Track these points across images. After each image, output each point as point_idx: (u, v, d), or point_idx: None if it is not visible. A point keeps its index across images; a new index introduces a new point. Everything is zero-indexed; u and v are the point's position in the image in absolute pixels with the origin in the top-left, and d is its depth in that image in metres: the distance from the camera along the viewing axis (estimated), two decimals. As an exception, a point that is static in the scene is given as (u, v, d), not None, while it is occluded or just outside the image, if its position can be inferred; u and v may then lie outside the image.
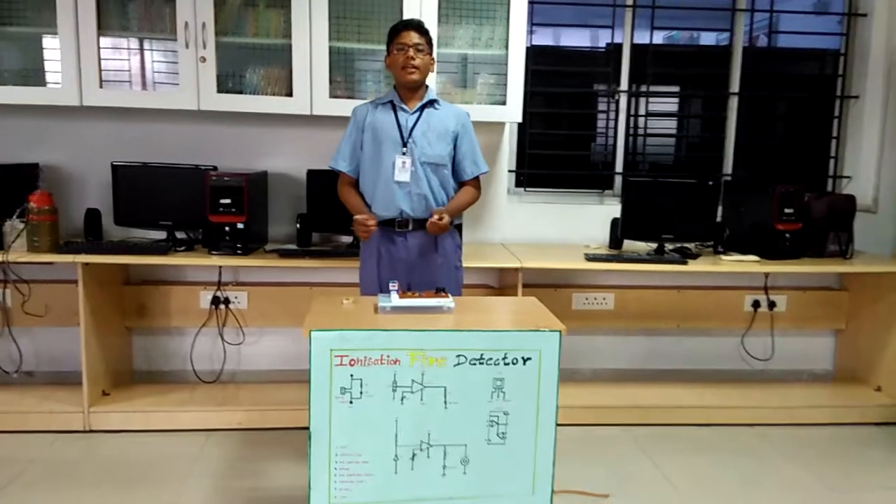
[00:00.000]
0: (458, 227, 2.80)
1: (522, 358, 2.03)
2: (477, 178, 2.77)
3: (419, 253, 2.66)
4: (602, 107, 3.82)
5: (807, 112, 4.03)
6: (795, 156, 4.02)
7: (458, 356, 2.02)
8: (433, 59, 2.70)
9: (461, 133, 2.70)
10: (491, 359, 2.03)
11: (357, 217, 2.59)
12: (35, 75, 3.15)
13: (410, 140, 2.61)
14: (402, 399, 2.01)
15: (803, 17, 3.91)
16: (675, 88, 4.10)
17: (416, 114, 2.64)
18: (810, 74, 4.20)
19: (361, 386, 2.00)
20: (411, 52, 2.56)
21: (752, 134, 3.86)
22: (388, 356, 2.00)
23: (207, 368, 3.56)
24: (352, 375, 1.99)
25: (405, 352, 2.00)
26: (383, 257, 2.68)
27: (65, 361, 3.41)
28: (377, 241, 2.68)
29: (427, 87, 2.70)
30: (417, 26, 2.62)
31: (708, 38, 5.28)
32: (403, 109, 2.65)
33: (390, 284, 2.31)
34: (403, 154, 2.61)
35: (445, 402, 2.03)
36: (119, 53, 3.16)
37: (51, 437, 3.03)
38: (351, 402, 1.99)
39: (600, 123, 3.90)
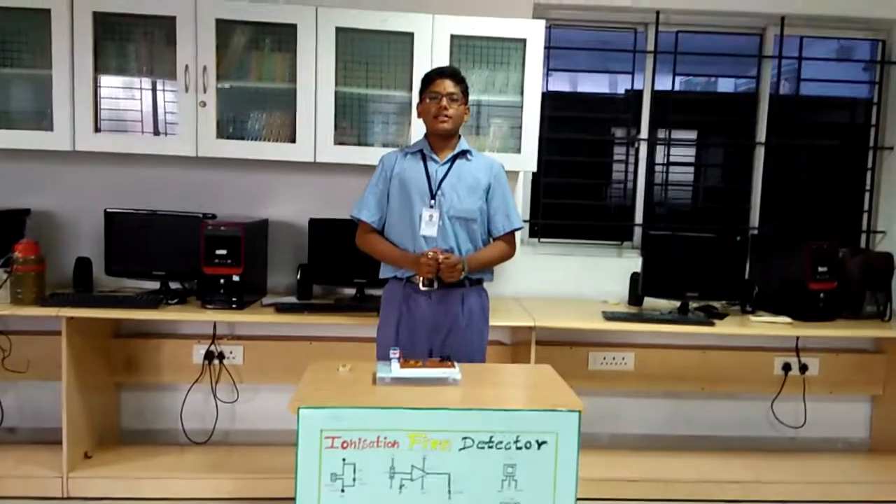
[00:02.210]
0: (476, 281, 2.57)
1: (537, 442, 1.81)
2: (512, 234, 2.58)
3: (443, 314, 2.46)
4: (620, 154, 3.64)
5: (836, 163, 3.83)
6: (824, 209, 3.81)
7: (465, 439, 1.80)
8: (468, 108, 2.55)
9: (494, 186, 2.53)
10: (501, 442, 1.81)
11: (428, 253, 2.35)
12: (33, 118, 3.01)
13: (439, 192, 2.45)
14: (400, 487, 1.79)
15: (829, 65, 3.72)
16: (693, 135, 3.91)
17: (447, 165, 2.49)
18: (839, 123, 4.01)
19: (355, 472, 1.78)
20: (444, 102, 2.42)
21: (778, 185, 3.66)
22: (385, 438, 1.78)
23: (199, 427, 3.35)
24: (344, 460, 1.77)
25: (405, 433, 1.78)
26: (404, 317, 2.48)
27: (49, 417, 3.19)
28: (399, 299, 2.49)
29: (460, 136, 2.54)
30: (452, 74, 2.48)
31: (726, 85, 5.14)
32: (433, 160, 2.49)
33: (391, 351, 2.10)
34: (431, 207, 2.43)
35: (449, 492, 1.80)
36: (116, 96, 3.02)
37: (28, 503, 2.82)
38: (342, 491, 1.78)
39: (617, 170, 3.72)
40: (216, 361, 3.29)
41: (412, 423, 1.79)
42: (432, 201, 2.44)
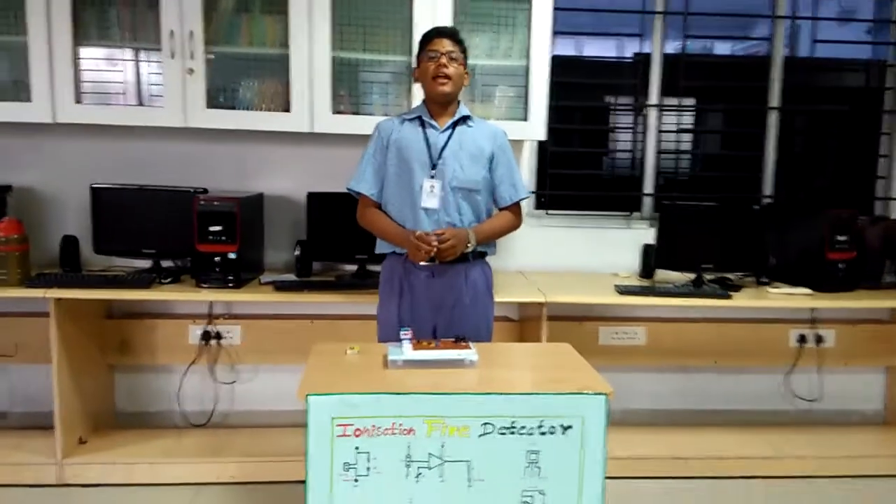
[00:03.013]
0: (479, 254, 2.42)
1: (562, 426, 1.70)
2: (518, 204, 2.45)
3: (447, 290, 2.33)
4: (626, 122, 3.50)
5: (849, 128, 3.70)
6: (836, 175, 3.69)
7: (485, 424, 1.69)
8: (468, 71, 2.39)
9: (498, 154, 2.38)
10: (524, 427, 1.70)
11: (419, 234, 2.20)
12: (11, 89, 2.82)
13: (440, 161, 2.30)
14: (417, 476, 1.68)
15: (838, 27, 3.57)
16: (694, 102, 3.76)
17: (447, 132, 2.34)
18: (852, 87, 3.88)
19: (369, 461, 1.67)
20: (444, 61, 2.26)
21: (788, 151, 3.53)
22: (400, 425, 1.67)
23: (197, 409, 3.23)
24: (357, 448, 1.66)
25: (421, 419, 1.67)
26: (405, 295, 2.35)
27: (40, 401, 3.05)
28: (399, 276, 2.35)
29: (459, 102, 2.39)
30: (451, 34, 2.32)
31: (723, 49, 4.98)
32: (433, 126, 2.34)
33: (401, 333, 1.98)
34: (432, 177, 2.29)
35: (469, 480, 1.69)
36: (97, 65, 2.84)
37: (22, 491, 2.70)
38: (356, 481, 1.66)
39: (623, 139, 3.58)
40: (213, 342, 3.16)
41: (429, 409, 1.67)
42: (433, 171, 2.30)
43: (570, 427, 1.70)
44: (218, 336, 3.16)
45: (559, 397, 1.71)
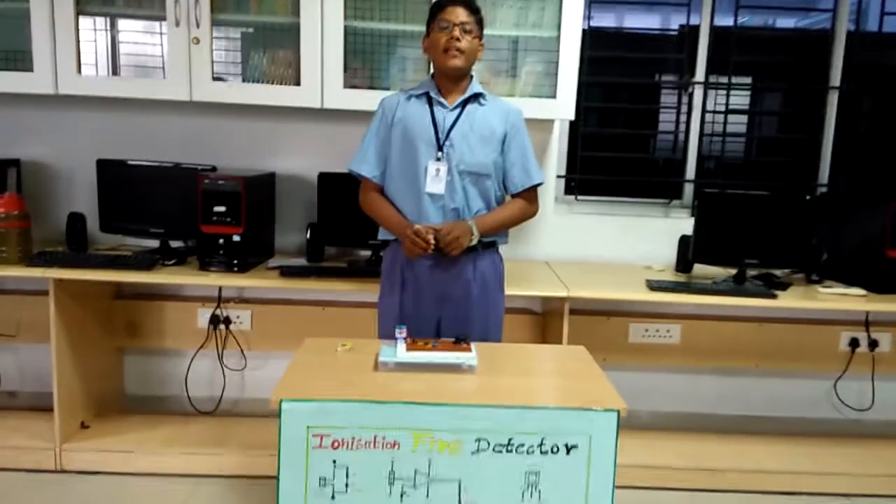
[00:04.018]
0: (489, 244, 2.22)
1: (566, 446, 1.50)
2: (532, 190, 2.23)
3: (452, 282, 2.14)
4: (668, 101, 3.23)
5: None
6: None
7: (479, 440, 1.50)
8: (482, 44, 2.17)
9: (511, 135, 2.17)
10: (523, 445, 1.50)
11: (417, 228, 2.03)
12: (11, 58, 2.72)
13: (447, 143, 2.10)
14: (401, 495, 1.51)
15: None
16: (748, 80, 3.44)
17: (457, 110, 2.13)
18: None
19: (347, 476, 1.50)
20: (457, 32, 2.05)
21: (851, 136, 3.20)
22: (383, 437, 1.49)
23: (206, 395, 3.13)
24: (335, 462, 1.49)
25: (407, 432, 1.49)
26: (408, 286, 2.17)
27: (49, 381, 3.00)
28: (402, 266, 2.18)
29: (472, 77, 2.18)
30: (466, 2, 2.10)
31: (785, 23, 4.59)
32: (441, 104, 2.14)
33: (397, 331, 1.80)
34: (438, 160, 2.09)
35: (459, 502, 1.51)
36: (100, 35, 2.71)
37: (23, 476, 2.64)
38: (333, 498, 1.50)
39: (665, 119, 3.30)
40: (222, 326, 3.04)
41: (416, 421, 1.49)
42: (439, 153, 2.09)
43: (575, 446, 1.50)
44: (227, 321, 3.04)
45: (564, 412, 1.51)
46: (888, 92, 3.34)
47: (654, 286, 2.63)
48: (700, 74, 3.12)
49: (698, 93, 3.14)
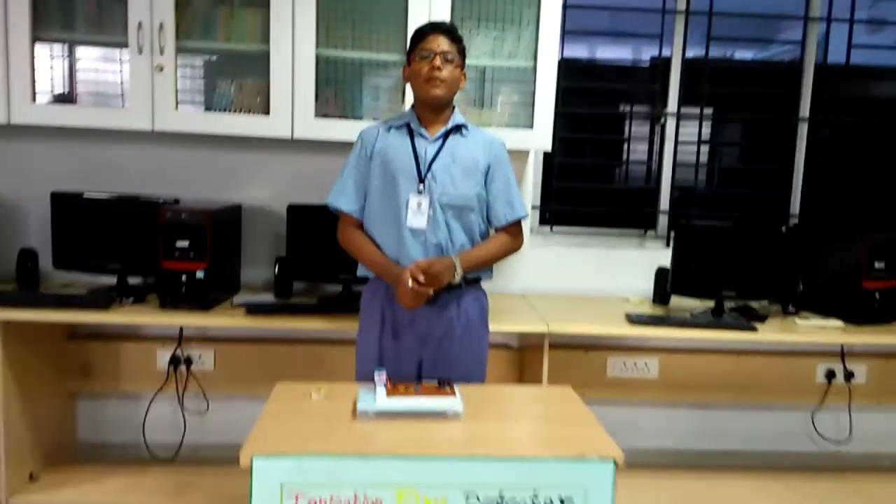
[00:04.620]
0: (472, 280, 2.13)
1: (560, 499, 1.41)
2: (516, 224, 2.15)
3: (435, 320, 2.04)
4: (640, 132, 3.22)
5: (884, 142, 3.39)
6: (872, 194, 3.38)
7: (468, 495, 1.39)
8: (464, 73, 2.10)
9: (494, 167, 2.09)
10: (514, 499, 1.40)
11: (412, 269, 1.92)
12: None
13: (429, 175, 2.01)
14: (384, 558, 1.39)
15: (866, 33, 3.26)
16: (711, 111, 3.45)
17: (439, 142, 2.05)
18: (885, 97, 3.58)
19: (325, 539, 1.37)
20: (438, 62, 1.97)
21: (819, 167, 3.23)
22: (364, 495, 1.38)
23: (165, 441, 2.95)
24: (312, 523, 1.37)
25: (391, 489, 1.38)
26: (387, 326, 2.07)
27: None
28: (382, 304, 2.07)
29: (454, 108, 2.11)
30: (448, 31, 2.03)
31: (744, 55, 4.66)
32: (422, 135, 2.06)
33: (376, 374, 1.69)
34: (419, 193, 2.01)
35: (448, 563, 1.40)
36: (56, 62, 2.58)
37: (-35, 532, 2.44)
38: (309, 563, 1.37)
39: (636, 150, 3.29)
40: (183, 367, 2.89)
41: (400, 476, 1.39)
42: (421, 186, 2.01)
43: (568, 499, 1.41)
44: (188, 361, 2.88)
45: (558, 463, 1.41)
46: (852, 123, 3.39)
47: (634, 320, 2.58)
48: (672, 105, 3.12)
49: (670, 124, 3.13)
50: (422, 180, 2.00)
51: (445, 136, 2.05)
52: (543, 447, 1.48)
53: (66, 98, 2.62)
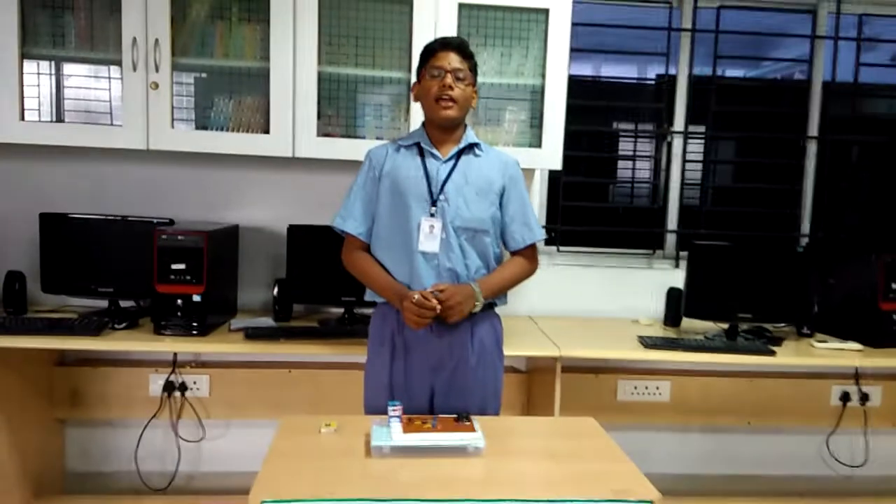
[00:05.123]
0: (488, 307, 2.03)
1: (594, 544, 1.31)
2: (532, 247, 2.07)
3: (447, 348, 1.94)
4: (645, 150, 3.16)
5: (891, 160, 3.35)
6: (882, 213, 3.33)
7: (494, 541, 1.29)
8: (476, 91, 2.01)
9: (509, 188, 2.01)
10: (544, 545, 1.30)
11: (419, 299, 1.83)
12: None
13: (441, 197, 1.92)
14: None
15: (865, 52, 3.22)
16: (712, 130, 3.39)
17: (451, 162, 1.96)
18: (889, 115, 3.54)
19: (341, 591, 1.27)
20: (449, 80, 1.89)
21: (828, 186, 3.17)
22: (384, 542, 1.27)
23: (158, 470, 2.83)
24: (327, 574, 1.26)
25: (411, 535, 1.28)
26: (398, 355, 1.96)
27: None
28: (392, 331, 1.97)
29: (466, 126, 2.02)
30: (459, 46, 1.94)
31: (734, 72, 4.64)
32: (434, 156, 1.97)
33: (391, 408, 1.59)
34: (432, 216, 1.91)
35: None
36: (48, 78, 2.49)
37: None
38: None
39: (641, 169, 3.23)
40: (177, 393, 2.77)
41: (421, 520, 1.28)
42: (433, 208, 1.92)
43: (604, 545, 1.31)
44: (183, 387, 2.77)
45: (591, 506, 1.32)
46: (865, 143, 3.34)
47: (647, 344, 2.49)
48: (679, 124, 3.06)
49: (678, 142, 3.08)
50: (434, 202, 1.91)
51: (458, 155, 1.97)
52: (574, 487, 1.38)
53: (57, 116, 2.51)
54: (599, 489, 1.36)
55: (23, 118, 2.40)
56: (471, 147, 1.99)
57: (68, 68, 2.57)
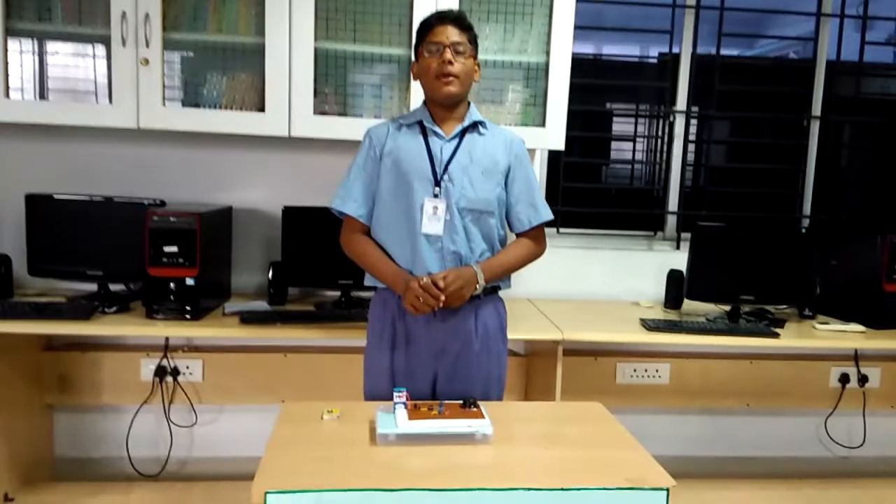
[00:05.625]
0: (491, 290, 1.97)
1: (608, 534, 1.27)
2: (539, 228, 2.01)
3: (451, 333, 1.89)
4: (645, 130, 3.12)
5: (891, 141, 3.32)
6: (883, 195, 3.31)
7: (506, 532, 1.25)
8: (478, 64, 1.94)
9: (515, 167, 1.95)
10: (558, 535, 1.27)
11: (425, 283, 1.78)
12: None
13: (445, 177, 1.86)
14: None
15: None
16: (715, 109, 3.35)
17: (455, 141, 1.90)
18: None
19: (349, 583, 1.23)
20: (448, 55, 1.82)
21: (827, 166, 3.14)
22: (392, 533, 1.23)
23: (150, 456, 2.78)
24: (334, 566, 1.22)
25: (421, 525, 1.24)
26: (400, 341, 1.91)
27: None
28: (393, 317, 1.91)
29: (469, 104, 1.95)
30: (457, 19, 1.87)
31: (726, 51, 4.58)
32: (437, 134, 1.90)
33: (396, 394, 1.54)
34: (435, 196, 1.85)
35: None
36: (32, 55, 2.40)
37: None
38: None
39: (640, 149, 3.19)
40: (169, 378, 2.71)
41: (431, 510, 1.24)
42: (437, 189, 1.86)
43: (618, 534, 1.28)
44: (175, 371, 2.71)
45: (605, 493, 1.28)
46: (866, 123, 3.31)
47: (650, 326, 2.46)
48: (681, 103, 3.01)
49: (680, 122, 3.03)
50: (437, 183, 1.85)
51: (462, 134, 1.91)
52: (587, 475, 1.34)
53: (36, 94, 2.42)
54: (613, 477, 1.32)
55: (7, 96, 2.31)
56: (475, 125, 1.92)
57: (56, 45, 2.47)
